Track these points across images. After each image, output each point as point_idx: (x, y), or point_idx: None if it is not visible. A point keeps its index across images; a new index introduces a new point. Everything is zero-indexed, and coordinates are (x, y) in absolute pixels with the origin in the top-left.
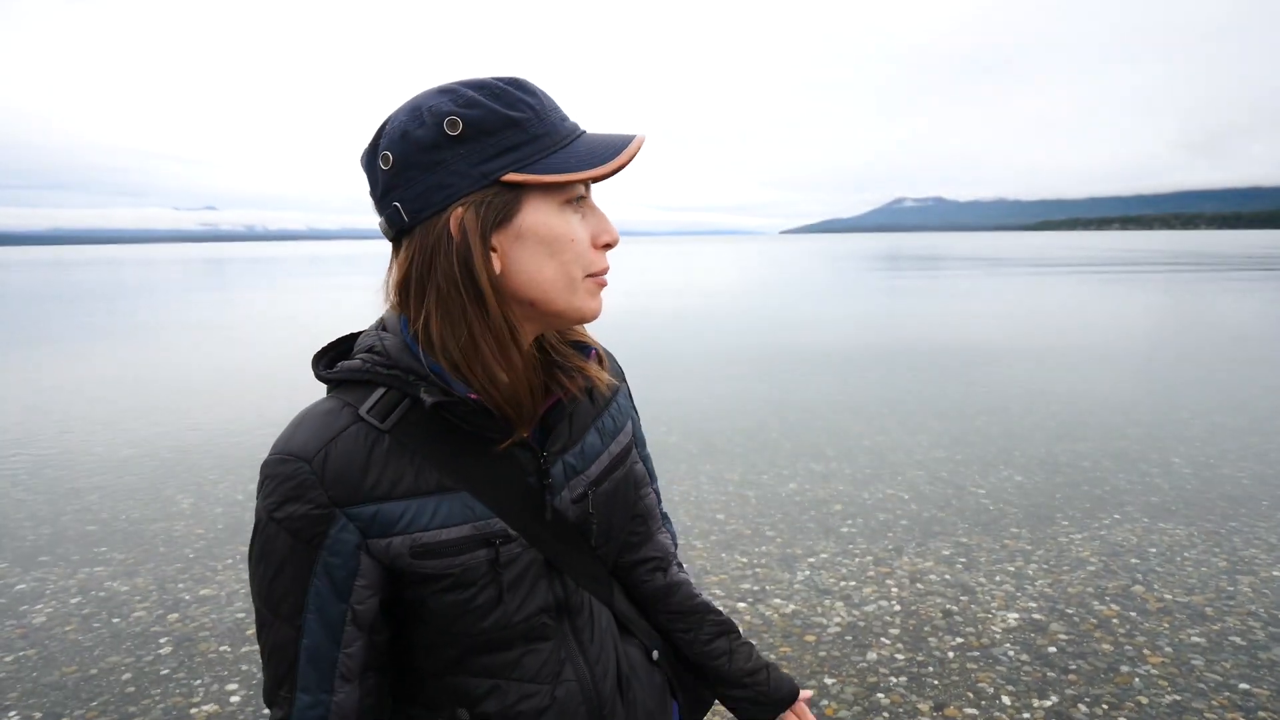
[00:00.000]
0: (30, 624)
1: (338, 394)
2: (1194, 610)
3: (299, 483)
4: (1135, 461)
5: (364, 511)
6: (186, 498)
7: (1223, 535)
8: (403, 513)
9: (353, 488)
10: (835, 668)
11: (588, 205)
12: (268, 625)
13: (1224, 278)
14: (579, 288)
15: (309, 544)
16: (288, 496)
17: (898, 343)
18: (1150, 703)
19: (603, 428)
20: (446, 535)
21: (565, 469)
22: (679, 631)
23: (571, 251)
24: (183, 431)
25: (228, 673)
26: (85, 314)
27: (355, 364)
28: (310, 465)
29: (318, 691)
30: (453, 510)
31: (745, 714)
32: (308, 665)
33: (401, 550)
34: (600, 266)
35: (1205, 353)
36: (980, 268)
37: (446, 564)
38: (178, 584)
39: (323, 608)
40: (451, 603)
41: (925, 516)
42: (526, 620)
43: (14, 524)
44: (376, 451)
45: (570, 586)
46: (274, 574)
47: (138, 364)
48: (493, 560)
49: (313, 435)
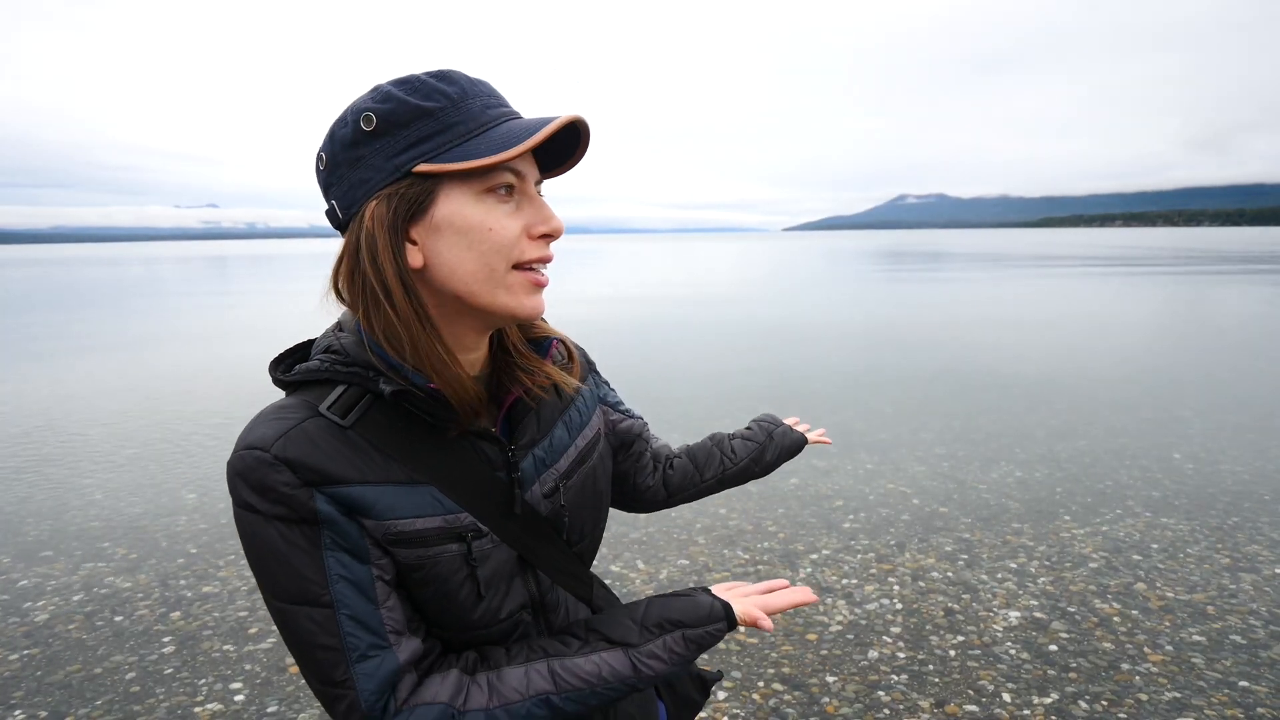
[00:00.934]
0: (34, 621)
1: (296, 395)
2: (1195, 608)
3: (264, 470)
4: (1137, 458)
5: (338, 492)
6: (189, 494)
7: (1225, 531)
8: (375, 499)
9: (319, 471)
10: (837, 666)
11: (524, 194)
12: (296, 619)
13: (1226, 275)
14: (502, 281)
15: (305, 523)
16: (258, 485)
17: (900, 339)
18: (1150, 700)
19: (569, 421)
20: (420, 525)
21: (535, 463)
22: (707, 479)
23: (490, 242)
24: (185, 428)
25: (231, 671)
26: (88, 312)
27: (313, 365)
28: (269, 453)
29: (378, 652)
30: (422, 501)
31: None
32: (357, 631)
33: (377, 535)
34: (529, 256)
35: (1207, 350)
36: (983, 265)
37: (420, 555)
38: (180, 581)
39: (348, 574)
40: (433, 596)
41: (927, 512)
42: (510, 617)
43: (17, 520)
44: (339, 443)
45: (545, 584)
46: (281, 563)
47: (140, 361)
48: (465, 555)
49: (268, 428)
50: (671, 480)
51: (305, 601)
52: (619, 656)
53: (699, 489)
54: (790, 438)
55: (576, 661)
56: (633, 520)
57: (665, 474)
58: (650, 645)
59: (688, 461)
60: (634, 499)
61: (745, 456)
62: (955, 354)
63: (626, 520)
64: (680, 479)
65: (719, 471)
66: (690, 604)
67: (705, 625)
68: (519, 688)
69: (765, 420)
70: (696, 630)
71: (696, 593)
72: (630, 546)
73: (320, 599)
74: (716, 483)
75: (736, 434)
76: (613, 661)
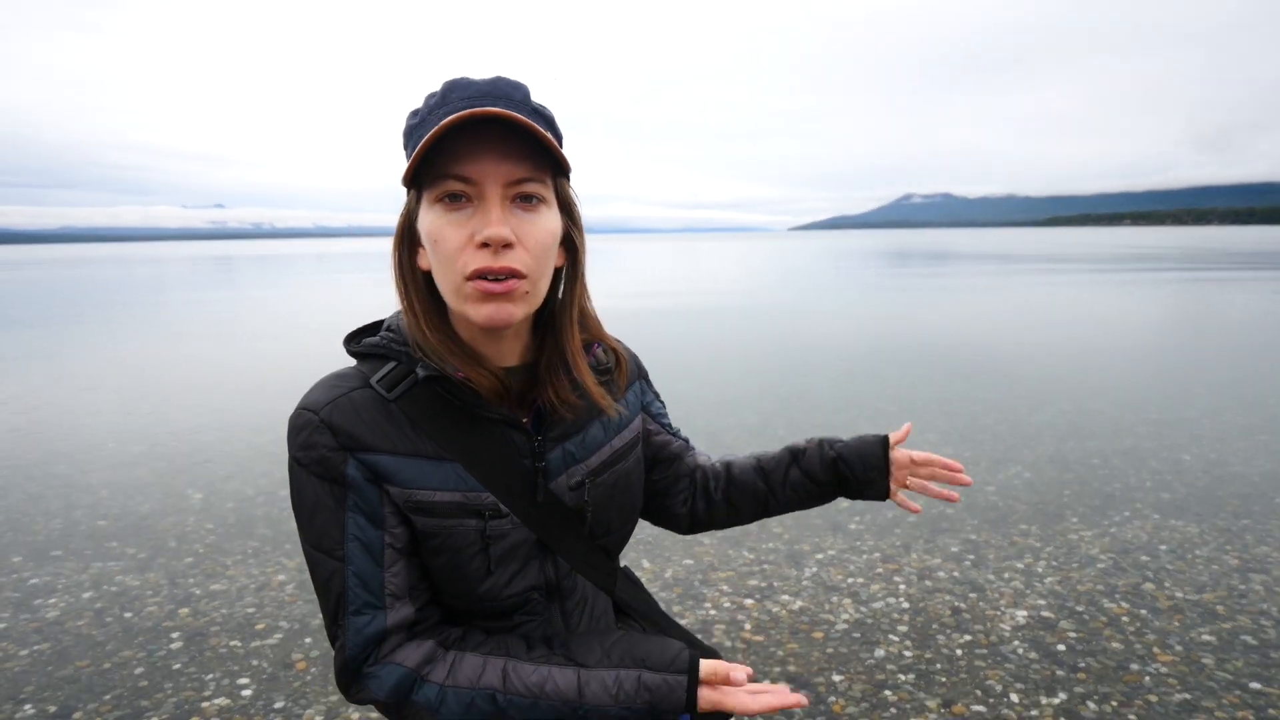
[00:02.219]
0: (44, 618)
1: (357, 365)
2: (1205, 608)
3: (311, 430)
4: (1146, 459)
5: (367, 458)
6: (197, 493)
7: (1234, 533)
8: (400, 468)
9: (355, 438)
10: (843, 665)
11: (480, 200)
12: (317, 563)
13: (1236, 274)
14: (459, 290)
15: (335, 483)
16: (305, 443)
17: (906, 339)
18: (1160, 701)
19: (607, 421)
20: (439, 497)
21: (565, 456)
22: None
23: (439, 253)
24: (193, 427)
25: (238, 667)
26: (96, 311)
27: (375, 340)
28: (319, 416)
29: (370, 610)
30: (446, 477)
31: (860, 492)
32: (358, 588)
33: (400, 500)
34: (472, 267)
35: (1216, 350)
36: (989, 265)
37: (436, 524)
38: (188, 579)
39: (362, 536)
40: (444, 565)
41: (933, 513)
42: (516, 595)
43: (27, 519)
44: (379, 414)
45: (563, 569)
46: (311, 513)
47: (149, 360)
48: (481, 532)
49: (323, 393)
50: (704, 515)
51: (324, 550)
52: (567, 674)
53: (736, 522)
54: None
55: (528, 668)
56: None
57: (698, 505)
58: (602, 673)
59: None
60: (661, 517)
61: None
62: (962, 354)
63: None
64: (719, 515)
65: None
66: (659, 645)
67: (665, 671)
68: (472, 676)
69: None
70: (655, 676)
71: (673, 642)
72: (636, 546)
73: (335, 552)
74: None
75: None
76: (559, 678)
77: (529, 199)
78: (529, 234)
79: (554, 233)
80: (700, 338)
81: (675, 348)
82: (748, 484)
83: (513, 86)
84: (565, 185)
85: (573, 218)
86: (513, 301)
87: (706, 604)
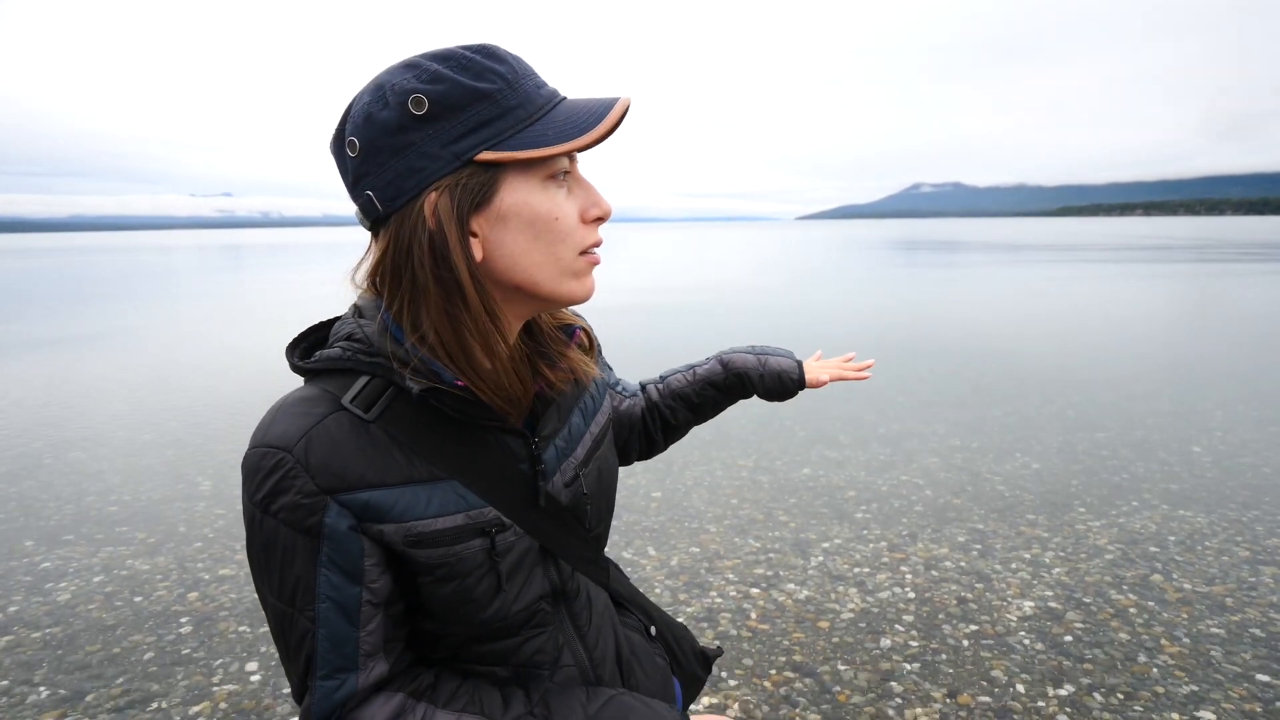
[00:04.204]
0: (55, 601)
1: (316, 383)
2: (1214, 600)
3: (284, 474)
4: (1155, 449)
5: (355, 499)
6: (206, 479)
7: (1244, 524)
8: (394, 502)
9: (339, 476)
10: (849, 654)
11: (574, 178)
12: (284, 619)
13: (1249, 265)
14: (568, 269)
15: (308, 534)
16: (275, 489)
17: (914, 330)
18: (1167, 693)
19: (585, 408)
20: (441, 525)
21: (556, 453)
22: (691, 404)
23: (557, 231)
24: (203, 415)
25: (247, 653)
26: (106, 298)
27: (334, 352)
28: (292, 454)
29: (342, 674)
30: (445, 500)
31: (774, 392)
32: (330, 651)
33: (395, 538)
34: (591, 241)
35: (1228, 341)
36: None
37: (442, 554)
38: (198, 563)
39: (336, 595)
40: (450, 593)
41: (940, 503)
42: (526, 608)
43: (39, 504)
44: (362, 441)
45: (566, 572)
46: (280, 568)
47: (159, 348)
48: (489, 550)
49: (291, 424)
50: (647, 454)
51: (294, 607)
52: None
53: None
54: (776, 366)
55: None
56: (645, 508)
57: (644, 449)
58: None
59: (687, 414)
60: (630, 459)
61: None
62: (970, 345)
63: (639, 508)
64: (674, 434)
65: (689, 419)
66: (649, 715)
67: None
68: None
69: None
70: None
71: (666, 713)
72: (642, 534)
73: (305, 611)
74: (692, 424)
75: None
76: None
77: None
78: None
79: None
80: (704, 326)
81: (688, 334)
82: (681, 422)
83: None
84: None
85: None
86: None
87: (712, 593)
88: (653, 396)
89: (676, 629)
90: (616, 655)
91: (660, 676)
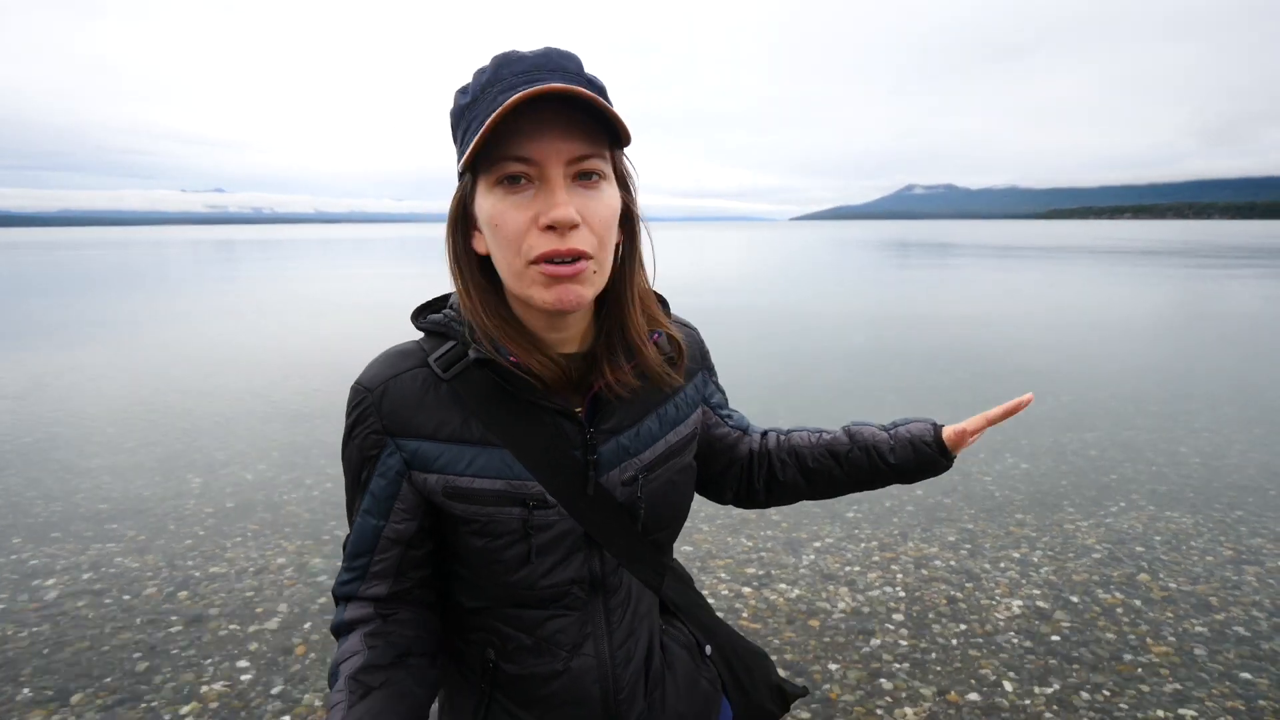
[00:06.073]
0: (43, 599)
1: (421, 340)
2: (1198, 600)
3: (363, 409)
4: (1142, 450)
5: (408, 444)
6: (196, 476)
7: (1229, 525)
8: (439, 455)
9: (402, 421)
10: (839, 653)
11: (542, 181)
12: (348, 512)
13: (1236, 268)
14: (522, 275)
15: (367, 462)
16: (355, 420)
17: (906, 330)
18: (1152, 691)
19: (664, 415)
20: (479, 485)
21: (619, 449)
22: (804, 466)
23: (500, 236)
24: (191, 411)
25: (237, 651)
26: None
27: (438, 317)
28: (371, 395)
29: (353, 575)
30: (489, 463)
31: (909, 464)
32: (352, 555)
33: (436, 488)
34: (539, 251)
35: (1215, 343)
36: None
37: (475, 510)
38: (188, 561)
39: (365, 518)
40: (481, 548)
41: (931, 503)
42: (554, 586)
43: (27, 501)
44: (431, 395)
45: (609, 564)
46: (350, 481)
47: (146, 344)
48: (524, 520)
49: (380, 370)
50: (747, 502)
51: (350, 508)
52: None
53: (798, 499)
54: (912, 431)
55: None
56: None
57: (743, 493)
58: None
59: (796, 476)
60: (709, 496)
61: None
62: (961, 345)
63: None
64: (759, 502)
65: (799, 482)
66: None
67: None
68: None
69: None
70: None
71: None
72: None
73: (351, 516)
74: (800, 491)
75: (865, 437)
76: None
77: (590, 176)
78: (593, 212)
79: (615, 209)
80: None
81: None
82: (789, 481)
83: (565, 58)
84: (622, 158)
85: (630, 191)
86: (581, 283)
87: (705, 591)
88: (769, 444)
89: (750, 657)
90: (646, 662)
91: (699, 698)
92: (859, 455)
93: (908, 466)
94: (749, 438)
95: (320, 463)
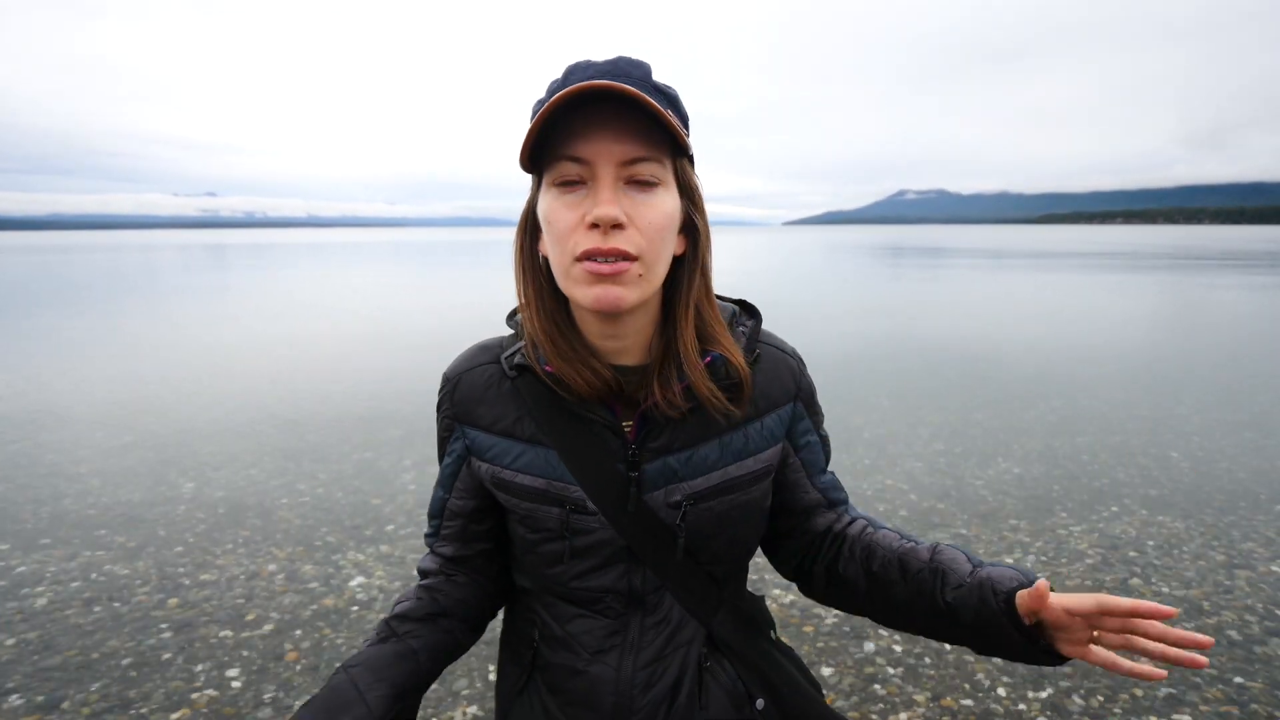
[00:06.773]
0: (31, 607)
1: (503, 337)
2: (1191, 604)
3: (444, 396)
4: (1134, 455)
5: (470, 433)
6: (188, 482)
7: (1220, 529)
8: (490, 446)
9: (467, 411)
10: (833, 658)
11: (594, 181)
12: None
13: (1226, 273)
14: (569, 273)
15: (443, 442)
16: (439, 404)
17: (899, 335)
18: (1145, 695)
19: (728, 443)
20: (521, 480)
21: (665, 470)
22: (868, 568)
23: (553, 235)
24: (184, 416)
25: (228, 658)
26: (85, 299)
27: (519, 319)
28: (449, 384)
29: (431, 530)
30: (534, 461)
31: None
32: (430, 515)
33: (486, 476)
34: (582, 249)
35: (1206, 347)
36: (982, 261)
37: (515, 503)
38: (178, 568)
39: (438, 488)
40: (523, 537)
41: (924, 507)
42: (588, 590)
43: (15, 507)
44: (495, 391)
45: (651, 583)
46: (438, 450)
47: (136, 348)
48: (563, 522)
49: (461, 362)
50: (806, 583)
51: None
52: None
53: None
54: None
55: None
56: None
57: (803, 570)
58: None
59: (858, 574)
60: (771, 555)
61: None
62: (954, 349)
63: None
64: (837, 586)
65: (859, 583)
66: None
67: None
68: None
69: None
70: None
71: None
72: None
73: (436, 481)
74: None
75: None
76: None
77: (644, 180)
78: (642, 215)
79: (670, 215)
80: None
81: None
82: (850, 579)
83: (633, 65)
84: (687, 167)
85: (694, 202)
86: (622, 285)
87: None
88: (851, 529)
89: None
90: (672, 692)
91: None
92: (926, 577)
93: (963, 609)
94: (832, 513)
95: (312, 469)
